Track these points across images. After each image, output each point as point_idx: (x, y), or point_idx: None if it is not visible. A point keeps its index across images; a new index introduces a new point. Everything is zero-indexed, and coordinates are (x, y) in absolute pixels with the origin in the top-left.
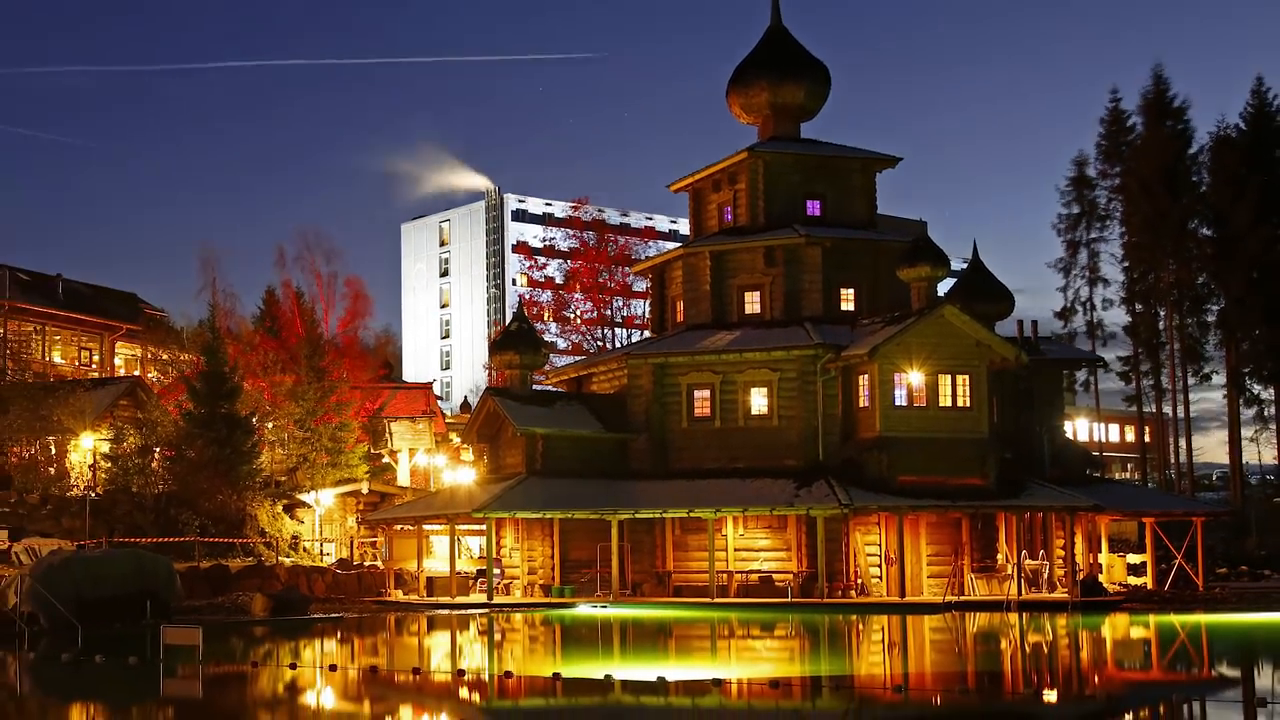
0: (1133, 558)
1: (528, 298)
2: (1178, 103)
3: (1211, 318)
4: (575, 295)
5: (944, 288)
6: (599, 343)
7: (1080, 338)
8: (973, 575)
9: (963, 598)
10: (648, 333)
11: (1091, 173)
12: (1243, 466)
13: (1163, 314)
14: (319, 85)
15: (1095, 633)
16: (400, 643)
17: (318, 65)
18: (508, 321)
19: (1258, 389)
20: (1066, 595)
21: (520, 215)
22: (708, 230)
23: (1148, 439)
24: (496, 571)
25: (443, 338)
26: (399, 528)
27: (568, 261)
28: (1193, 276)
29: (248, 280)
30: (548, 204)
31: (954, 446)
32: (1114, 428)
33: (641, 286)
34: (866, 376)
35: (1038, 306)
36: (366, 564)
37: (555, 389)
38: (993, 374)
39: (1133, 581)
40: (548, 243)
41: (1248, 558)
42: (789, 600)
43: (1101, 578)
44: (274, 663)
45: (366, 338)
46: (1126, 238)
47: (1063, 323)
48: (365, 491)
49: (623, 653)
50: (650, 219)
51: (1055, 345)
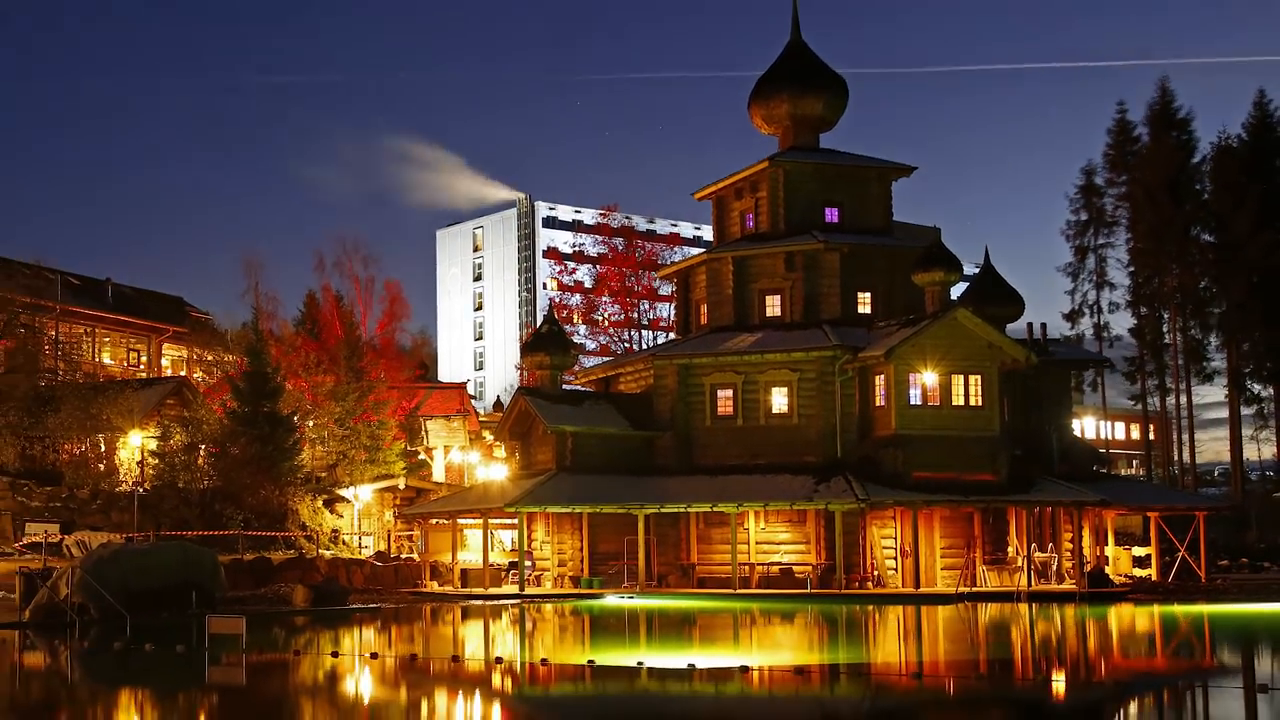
0: (1138, 550)
1: (558, 301)
2: (1182, 115)
3: (1213, 320)
4: (603, 299)
5: (957, 291)
6: (626, 344)
7: (1088, 340)
8: (984, 567)
9: (975, 589)
10: (673, 335)
11: (1099, 181)
12: (1243, 463)
13: (1166, 317)
14: (359, 97)
15: (1102, 622)
16: (436, 632)
17: (361, 78)
18: (539, 324)
19: (1257, 388)
20: (1074, 586)
21: (551, 222)
22: (730, 236)
23: (1152, 437)
24: (528, 564)
25: (476, 339)
26: (434, 522)
27: (596, 266)
28: (1195, 281)
29: (289, 284)
30: (577, 211)
31: (966, 444)
32: (1120, 426)
33: (667, 290)
34: (883, 376)
35: (1047, 310)
36: (403, 556)
37: (584, 389)
38: (1003, 374)
39: (1138, 573)
40: (577, 248)
41: (1248, 551)
42: (808, 591)
43: (1108, 570)
44: (315, 651)
45: (403, 339)
46: (1132, 244)
47: (1071, 325)
48: (402, 487)
49: (650, 641)
50: (675, 225)
51: (1063, 347)
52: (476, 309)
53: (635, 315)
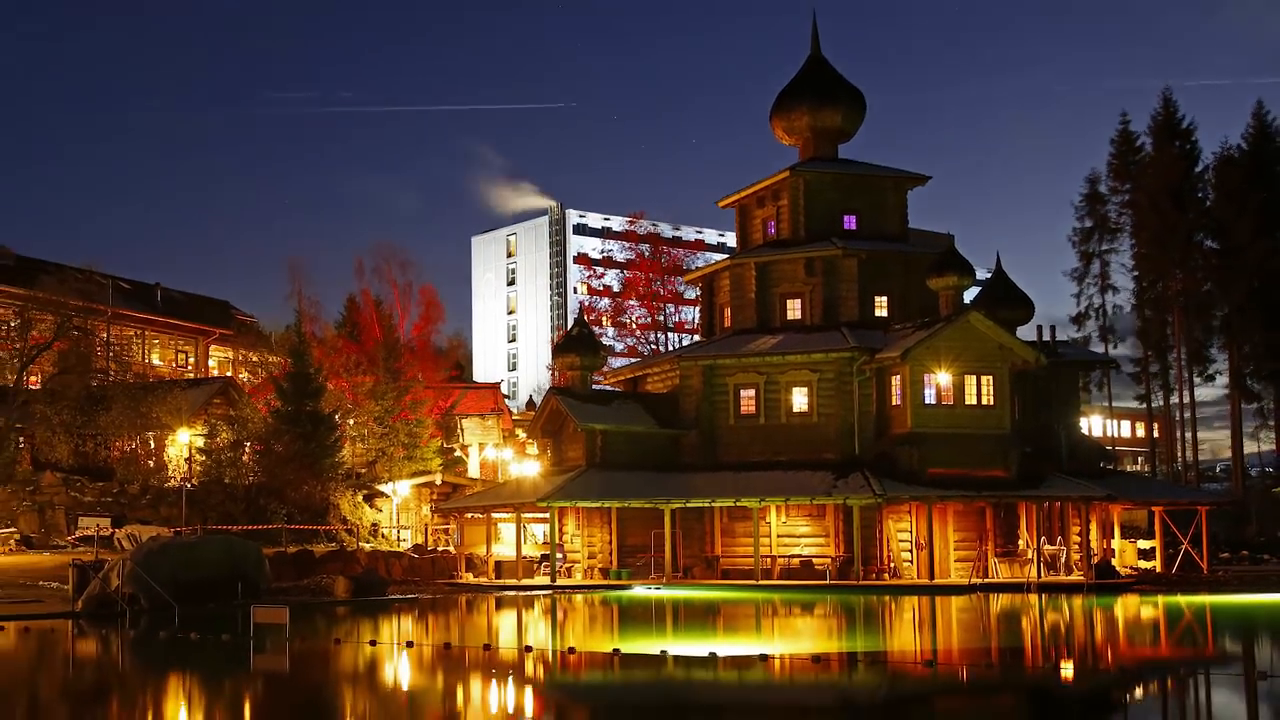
0: (1143, 543)
1: (587, 305)
2: (1184, 125)
3: (1215, 323)
4: (631, 302)
5: (969, 296)
6: (653, 346)
7: (1094, 341)
8: (996, 559)
9: (987, 580)
10: (698, 337)
11: (1104, 189)
12: (1243, 460)
13: (1170, 319)
14: (398, 110)
15: (1108, 612)
16: (471, 621)
17: (397, 90)
18: (569, 327)
19: (1257, 388)
20: (1082, 578)
21: (581, 229)
22: (753, 243)
23: (1156, 434)
24: (559, 556)
25: (509, 341)
26: (469, 516)
27: (624, 271)
28: (1198, 285)
29: (330, 288)
30: (606, 219)
31: (979, 441)
32: (1125, 424)
33: (692, 294)
34: (899, 377)
35: (1055, 313)
36: (440, 549)
37: (613, 389)
38: (1014, 375)
39: (1143, 565)
40: (606, 254)
41: (1248, 543)
42: (827, 582)
43: (1114, 562)
44: (355, 640)
45: (439, 341)
46: (1136, 249)
47: (1078, 327)
48: (438, 482)
49: (676, 631)
50: (700, 232)
51: (1071, 348)
52: (510, 312)
53: (662, 318)
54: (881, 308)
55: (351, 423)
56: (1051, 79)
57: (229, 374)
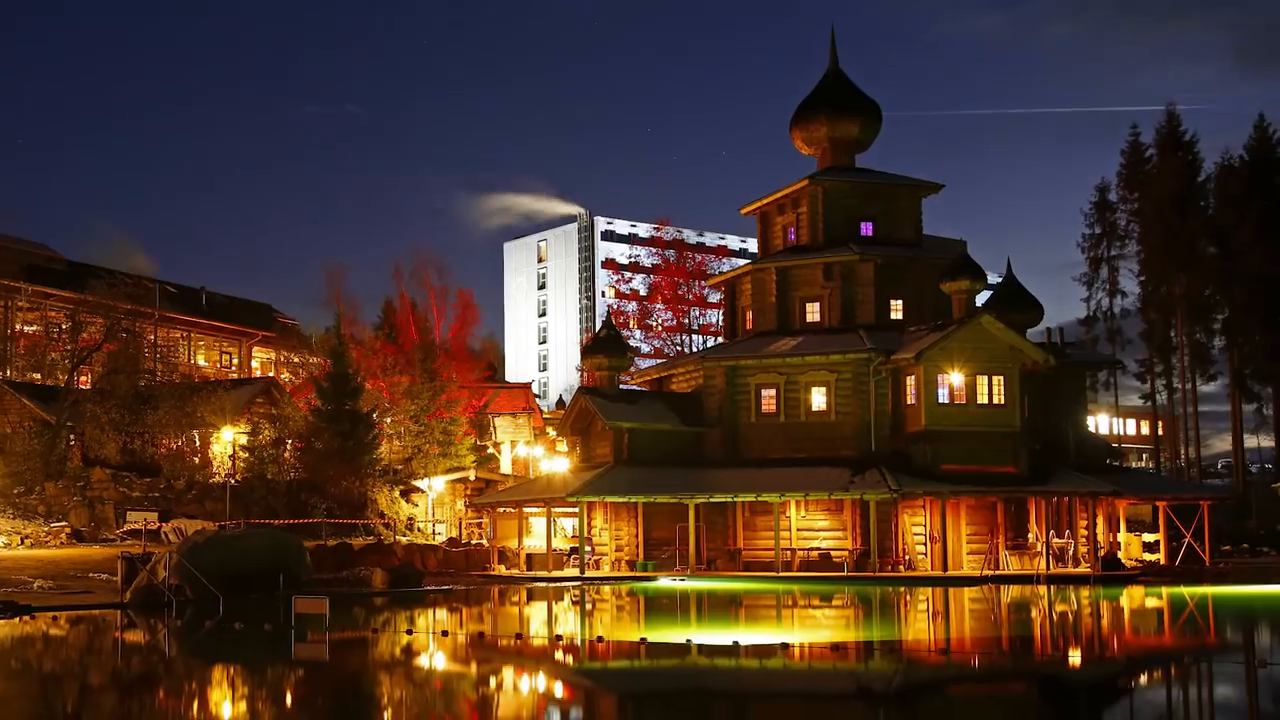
0: (1148, 537)
1: (615, 308)
2: (1188, 137)
3: (1217, 325)
4: (657, 306)
5: (981, 299)
6: (678, 347)
7: (1101, 343)
8: (1006, 552)
9: (998, 572)
10: (721, 338)
11: (1112, 198)
12: (1244, 456)
13: (1174, 322)
14: (438, 121)
15: (1114, 603)
16: (503, 611)
17: (437, 103)
18: (597, 329)
19: (1257, 388)
20: (1089, 570)
21: (609, 235)
22: (773, 248)
23: (1160, 432)
24: (588, 549)
25: (540, 343)
26: (502, 510)
27: (650, 276)
28: (1201, 289)
29: (368, 291)
30: (633, 225)
31: (990, 439)
32: (1131, 422)
33: (715, 298)
34: (913, 377)
35: (1064, 315)
36: (473, 542)
37: (639, 388)
38: (1024, 375)
39: (1147, 558)
40: (633, 259)
41: (1249, 537)
42: (845, 574)
43: (1120, 554)
44: (392, 629)
45: (473, 343)
46: (1142, 255)
47: (1085, 329)
48: (472, 478)
49: (700, 620)
50: (723, 238)
51: (1079, 350)
52: (540, 315)
53: (686, 321)
54: (897, 311)
55: (389, 421)
56: (1062, 90)
57: (271, 374)
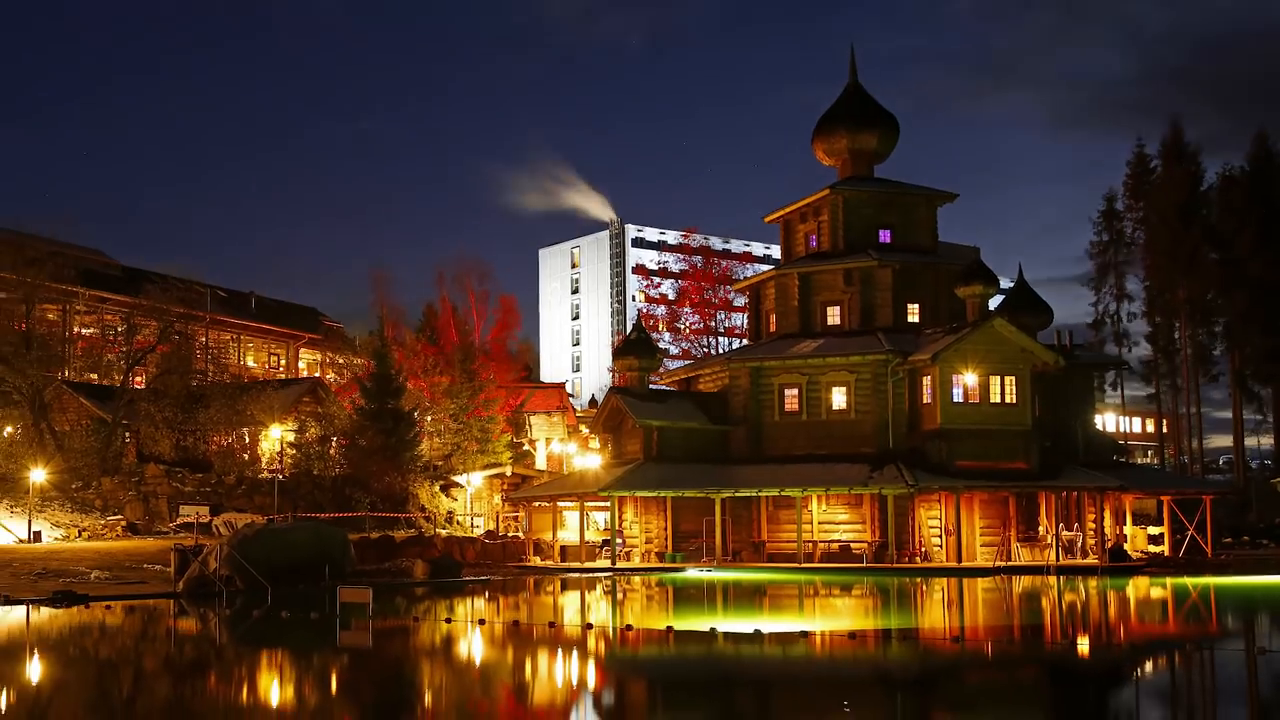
0: (1152, 529)
1: (645, 312)
2: (1191, 148)
3: (1219, 328)
4: (685, 309)
5: (994, 303)
6: (705, 349)
7: (1108, 344)
8: (1018, 544)
9: (1010, 563)
10: (746, 341)
11: (1119, 207)
12: (1244, 453)
13: (1178, 325)
14: (474, 132)
15: (1121, 592)
16: (538, 601)
17: (478, 117)
18: (628, 332)
19: (1257, 388)
20: (1097, 561)
21: (639, 242)
22: (796, 255)
23: (1165, 429)
24: (619, 541)
25: (574, 345)
26: (537, 504)
27: (679, 281)
28: (1203, 294)
29: (410, 294)
30: (662, 233)
31: (1002, 436)
32: (1136, 420)
33: (740, 302)
34: (929, 378)
35: (1073, 318)
36: (510, 535)
37: (668, 388)
38: (1035, 375)
39: (1152, 549)
40: (662, 265)
41: (1249, 529)
42: (864, 565)
43: (1126, 546)
44: (432, 617)
45: (510, 345)
46: (1148, 261)
47: (1094, 332)
48: (509, 474)
49: (725, 609)
50: (748, 245)
51: (1087, 351)
52: (574, 318)
53: (713, 324)
54: (913, 314)
55: (429, 419)
56: (1071, 103)
57: (317, 375)
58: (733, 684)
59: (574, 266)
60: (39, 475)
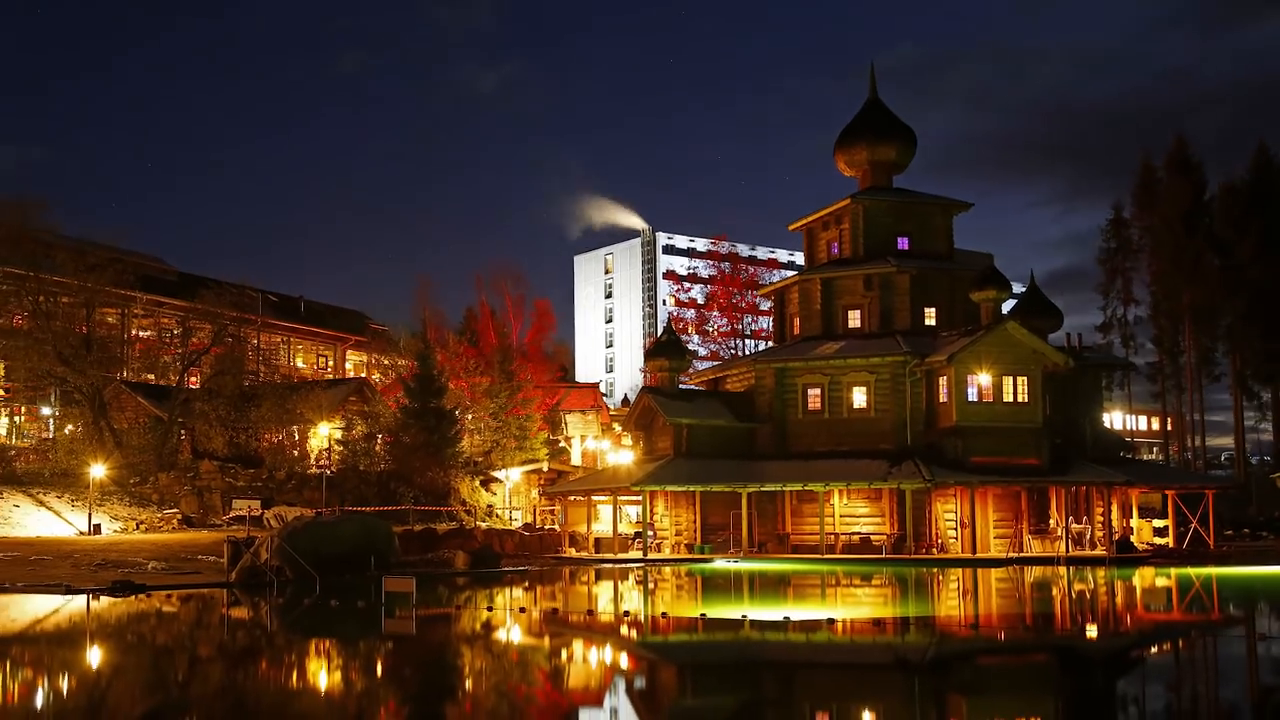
0: (1158, 522)
1: (675, 315)
2: (1195, 160)
3: (1221, 331)
4: (713, 313)
5: (1007, 306)
6: (732, 351)
7: (1116, 346)
8: (1030, 536)
9: (1022, 554)
10: (771, 343)
11: (1127, 215)
12: (1245, 449)
13: (1182, 328)
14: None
15: (1128, 582)
16: (574, 590)
17: (518, 129)
18: (659, 334)
19: (1257, 388)
20: (1104, 552)
21: (669, 249)
22: (818, 261)
23: (1169, 427)
24: (650, 533)
25: (607, 347)
26: (572, 498)
27: (707, 286)
28: (1206, 298)
29: (451, 298)
30: (691, 240)
31: (1015, 434)
32: (1142, 418)
33: (766, 306)
34: (945, 378)
35: (1082, 322)
36: (546, 527)
37: (697, 388)
38: (1046, 375)
39: (1157, 541)
40: (691, 271)
41: (1249, 522)
42: (883, 556)
43: (1133, 538)
44: (473, 606)
45: (546, 347)
46: (1153, 267)
47: (1102, 335)
48: (545, 469)
49: (752, 598)
50: (773, 252)
51: (1095, 353)
52: (607, 321)
53: (740, 327)
54: (930, 317)
55: (470, 417)
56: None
57: (363, 375)
58: (761, 668)
59: (607, 272)
60: (99, 471)
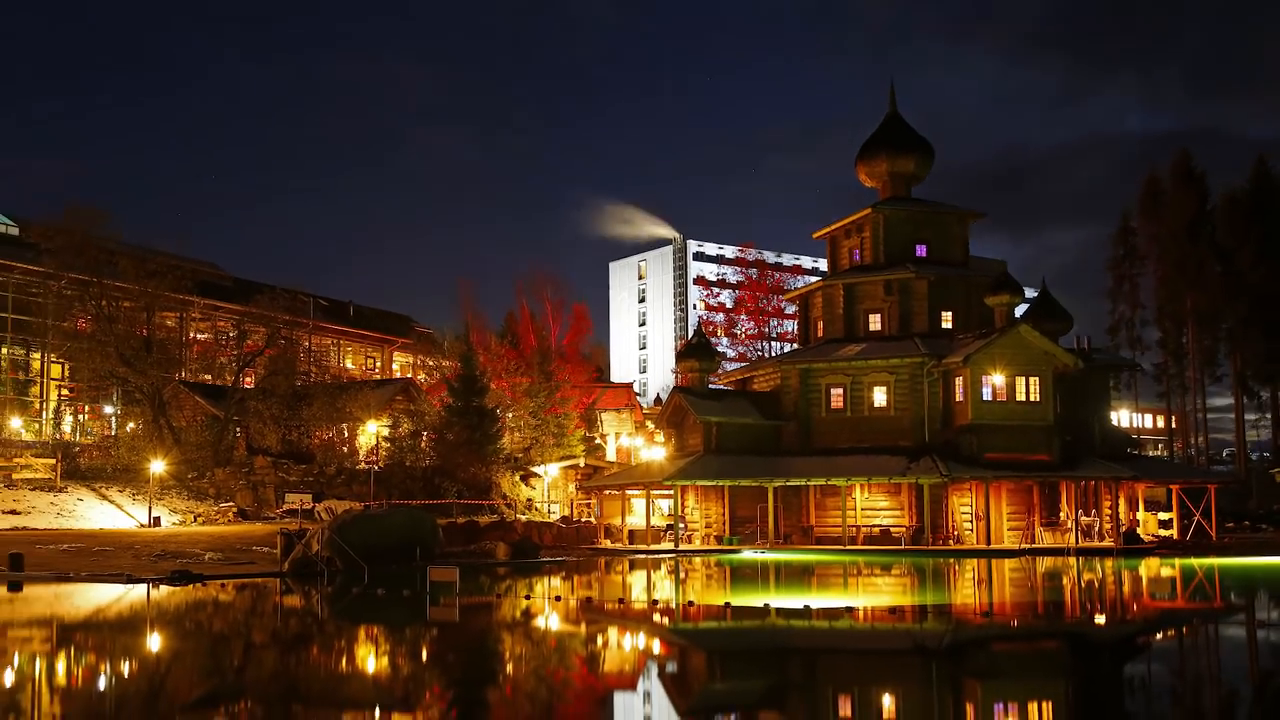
0: (1162, 515)
1: (705, 319)
2: (1198, 171)
3: (1222, 334)
4: (741, 317)
5: (1020, 310)
6: (759, 353)
7: (1123, 348)
8: (1041, 528)
9: (1034, 545)
10: (795, 345)
11: (1133, 224)
12: (1246, 446)
13: (1186, 331)
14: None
15: (1134, 572)
16: (609, 579)
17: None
18: (690, 337)
19: (1257, 387)
20: (1112, 544)
21: (700, 256)
22: (841, 268)
23: (1174, 425)
24: (681, 525)
25: (640, 349)
26: (607, 492)
27: (735, 291)
28: (1209, 303)
29: (492, 301)
30: (720, 248)
31: (1027, 431)
32: (1148, 417)
33: (791, 310)
34: (961, 378)
35: (1091, 325)
36: (583, 520)
37: (726, 388)
38: (1056, 376)
39: (1162, 533)
40: (720, 277)
41: (1250, 515)
42: (902, 547)
43: (1139, 530)
44: (513, 594)
45: (583, 349)
46: (1159, 273)
47: (1110, 337)
48: (582, 465)
49: (777, 587)
50: (798, 259)
51: (1104, 354)
52: (641, 325)
53: (766, 330)
54: (947, 321)
55: (510, 416)
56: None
57: (409, 375)
58: (786, 654)
59: (641, 278)
60: (158, 466)
